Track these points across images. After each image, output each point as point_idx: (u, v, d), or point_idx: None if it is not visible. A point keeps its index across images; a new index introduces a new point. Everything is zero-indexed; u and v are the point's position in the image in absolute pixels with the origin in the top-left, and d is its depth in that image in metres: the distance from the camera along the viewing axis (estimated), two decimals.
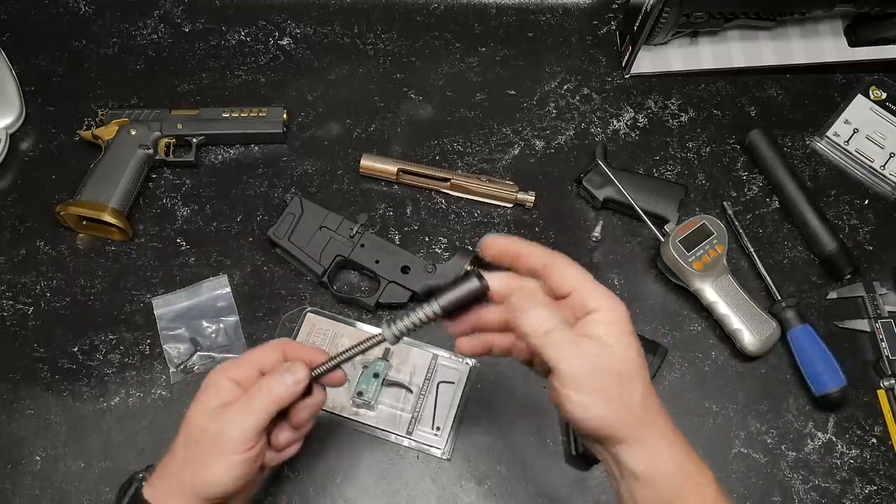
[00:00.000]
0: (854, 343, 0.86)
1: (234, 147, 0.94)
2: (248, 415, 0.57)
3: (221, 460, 0.57)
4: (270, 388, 0.58)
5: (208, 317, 0.83)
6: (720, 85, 1.00)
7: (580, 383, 0.52)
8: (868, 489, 0.79)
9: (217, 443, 0.57)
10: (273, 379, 0.59)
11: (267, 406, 0.58)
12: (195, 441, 0.58)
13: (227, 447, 0.57)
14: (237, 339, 0.83)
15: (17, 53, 0.97)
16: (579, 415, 0.53)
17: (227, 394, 0.58)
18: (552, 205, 0.92)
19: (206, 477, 0.57)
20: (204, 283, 0.85)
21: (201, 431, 0.58)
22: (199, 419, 0.58)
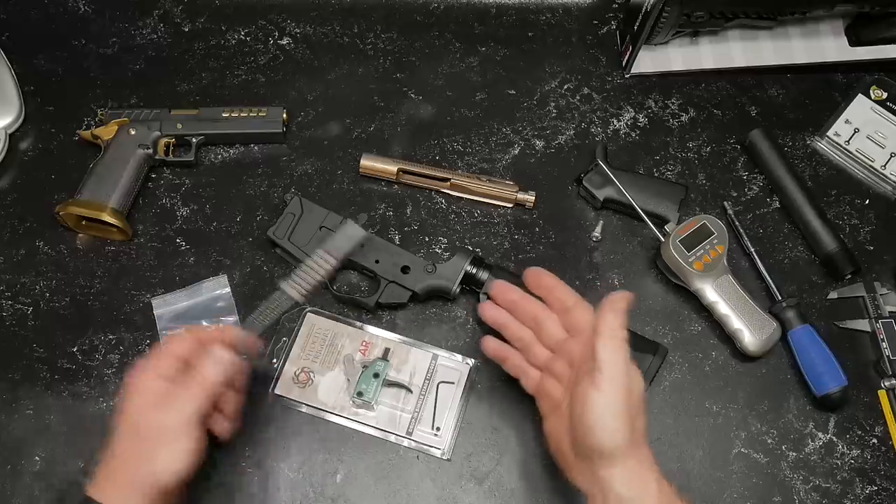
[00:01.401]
0: (854, 343, 0.86)
1: (233, 147, 0.94)
2: (188, 403, 0.63)
3: (170, 448, 0.62)
4: (204, 375, 0.64)
5: (208, 317, 0.83)
6: (720, 85, 1.00)
7: (612, 395, 0.60)
8: (869, 489, 0.79)
9: (163, 433, 0.62)
10: (203, 366, 0.65)
11: (203, 392, 0.64)
12: (141, 437, 0.62)
13: (171, 436, 0.62)
14: None
15: (17, 53, 0.97)
16: (601, 423, 0.60)
17: (159, 388, 0.63)
18: (552, 205, 0.92)
19: (159, 466, 0.61)
20: (204, 284, 0.84)
21: (145, 427, 0.62)
22: (141, 416, 0.63)
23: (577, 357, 0.67)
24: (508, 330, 0.73)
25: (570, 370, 0.68)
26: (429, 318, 0.85)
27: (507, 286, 0.74)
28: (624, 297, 0.64)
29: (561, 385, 0.69)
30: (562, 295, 0.71)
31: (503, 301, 0.74)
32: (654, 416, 0.82)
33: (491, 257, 0.88)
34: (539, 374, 0.72)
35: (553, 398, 0.69)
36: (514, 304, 0.73)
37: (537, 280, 0.72)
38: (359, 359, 0.82)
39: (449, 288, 0.83)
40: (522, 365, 0.73)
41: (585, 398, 0.62)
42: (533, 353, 0.72)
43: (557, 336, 0.70)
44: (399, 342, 0.83)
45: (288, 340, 0.83)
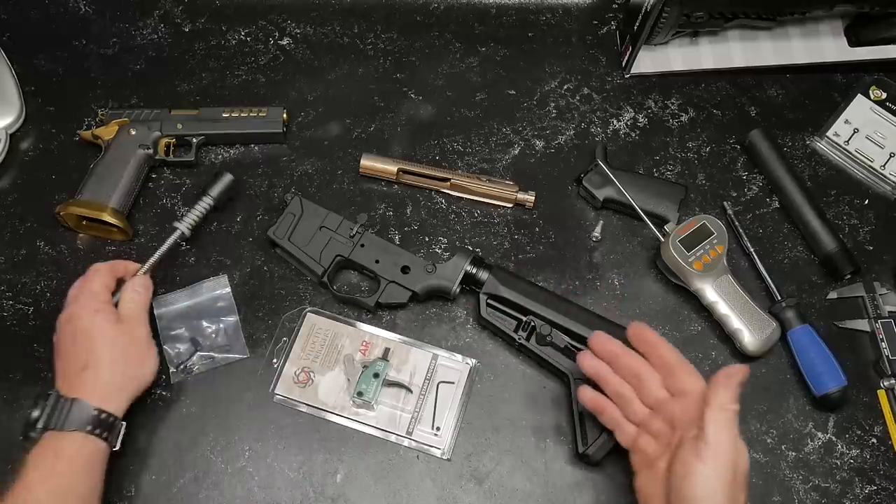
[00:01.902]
0: (854, 343, 0.86)
1: (234, 147, 0.94)
2: (140, 315, 0.77)
3: (153, 354, 0.76)
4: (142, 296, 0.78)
5: (208, 317, 0.83)
6: (720, 85, 1.00)
7: (716, 471, 0.61)
8: (868, 489, 0.79)
9: (139, 340, 0.75)
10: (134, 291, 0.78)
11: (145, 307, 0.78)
12: (125, 347, 0.73)
13: (145, 343, 0.75)
14: (237, 338, 0.83)
15: (17, 53, 0.97)
16: (701, 497, 0.61)
17: (111, 309, 0.75)
18: (552, 205, 0.92)
19: (148, 370, 0.75)
20: (204, 283, 0.85)
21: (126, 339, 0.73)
22: (117, 331, 0.73)
23: (680, 419, 0.67)
24: (609, 384, 0.72)
25: (670, 430, 0.68)
26: (429, 318, 0.85)
27: (608, 338, 0.73)
28: (740, 370, 0.64)
29: (657, 443, 0.69)
30: (665, 353, 0.70)
31: (603, 352, 0.73)
32: None
33: (491, 257, 0.88)
34: (635, 429, 0.71)
35: (648, 455, 0.69)
36: (615, 358, 0.72)
37: (640, 336, 0.72)
38: (359, 359, 0.82)
39: (449, 288, 0.83)
40: (619, 418, 0.72)
41: (688, 468, 0.62)
42: (632, 408, 0.71)
43: (658, 395, 0.69)
44: (399, 342, 0.83)
45: (288, 340, 0.83)
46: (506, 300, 0.82)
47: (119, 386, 0.72)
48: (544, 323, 0.80)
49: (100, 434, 0.68)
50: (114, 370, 0.71)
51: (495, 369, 0.83)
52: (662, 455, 0.67)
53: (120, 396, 0.71)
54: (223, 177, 0.86)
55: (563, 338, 0.80)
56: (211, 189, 0.85)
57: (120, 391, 0.72)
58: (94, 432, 0.68)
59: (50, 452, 0.67)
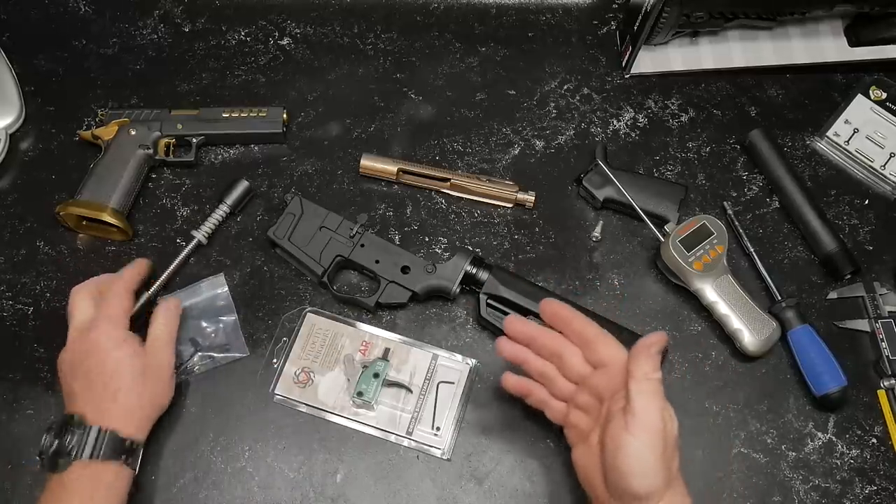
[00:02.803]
0: (854, 343, 0.86)
1: (234, 147, 0.94)
2: (169, 344, 0.76)
3: (171, 381, 0.75)
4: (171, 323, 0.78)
5: (207, 316, 0.83)
6: (720, 85, 1.00)
7: (647, 441, 0.61)
8: (868, 489, 0.79)
9: (164, 368, 0.75)
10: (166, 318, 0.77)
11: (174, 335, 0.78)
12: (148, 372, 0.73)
13: (169, 372, 0.75)
14: (236, 337, 0.82)
15: (17, 53, 0.97)
16: (636, 470, 0.61)
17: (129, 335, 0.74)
18: (552, 205, 0.92)
19: (167, 397, 0.75)
20: (202, 283, 0.84)
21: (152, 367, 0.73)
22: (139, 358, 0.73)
23: (605, 391, 0.67)
24: (529, 365, 0.72)
25: (598, 403, 0.68)
26: (429, 318, 0.85)
27: (521, 320, 0.73)
28: (659, 339, 0.63)
29: (588, 417, 0.69)
30: (580, 327, 0.69)
31: (519, 336, 0.72)
32: None
33: (491, 257, 0.88)
34: (564, 406, 0.71)
35: (581, 429, 0.69)
36: (532, 339, 0.72)
37: (554, 312, 0.71)
38: (359, 359, 0.82)
39: (449, 288, 0.83)
40: (546, 398, 0.72)
41: (619, 442, 0.61)
42: (557, 386, 0.71)
43: (581, 370, 0.69)
44: (399, 342, 0.83)
45: (288, 340, 0.83)
46: (506, 300, 0.82)
47: (145, 414, 0.73)
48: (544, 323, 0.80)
49: (130, 462, 0.70)
50: (142, 399, 0.72)
51: (495, 369, 0.83)
52: (594, 428, 0.67)
53: (145, 424, 0.73)
54: (239, 184, 0.87)
55: None
56: (227, 197, 0.87)
57: (146, 419, 0.73)
58: (127, 461, 0.69)
59: (87, 481, 0.67)
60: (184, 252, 0.85)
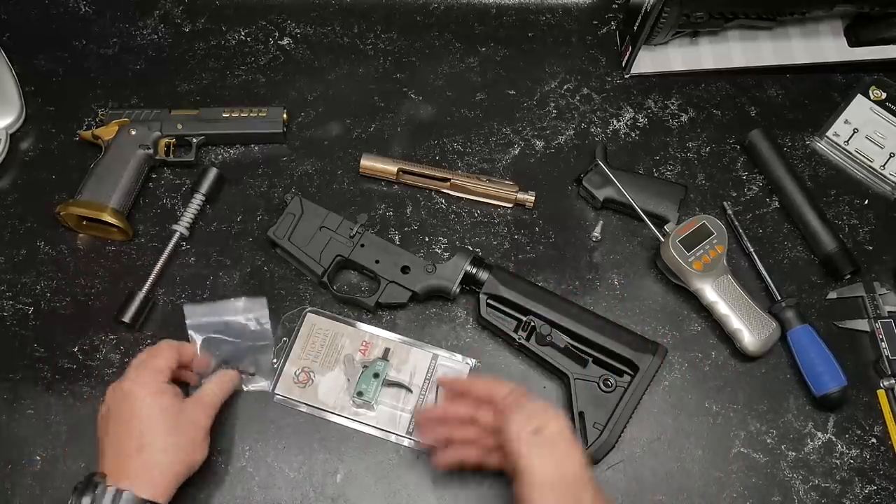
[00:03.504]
0: (854, 343, 0.86)
1: (234, 147, 0.94)
2: (212, 407, 0.73)
3: (204, 442, 0.71)
4: (224, 390, 0.75)
5: (243, 337, 0.81)
6: (720, 85, 1.00)
7: (545, 486, 0.63)
8: (868, 489, 0.79)
9: (199, 428, 0.71)
10: (220, 383, 0.75)
11: (220, 397, 0.75)
12: (179, 432, 0.69)
13: (204, 432, 0.71)
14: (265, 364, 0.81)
15: (17, 53, 0.97)
16: None
17: (172, 391, 0.71)
18: (552, 205, 0.92)
19: (196, 458, 0.70)
20: (241, 303, 0.81)
21: (181, 424, 0.69)
22: (171, 414, 0.69)
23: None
24: (454, 438, 0.74)
25: None
26: (429, 318, 0.85)
27: (430, 412, 0.78)
28: (509, 389, 0.69)
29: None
30: (477, 389, 0.73)
31: (434, 420, 0.76)
32: (653, 415, 0.82)
33: (491, 257, 0.88)
34: (497, 455, 0.73)
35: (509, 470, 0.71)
36: (445, 419, 0.75)
37: (450, 386, 0.77)
38: (359, 359, 0.82)
39: (449, 288, 0.83)
40: (479, 453, 0.73)
41: (521, 498, 0.64)
42: (484, 443, 0.73)
43: (495, 421, 0.71)
44: (399, 342, 0.83)
45: (288, 340, 0.83)
46: (506, 300, 0.82)
47: (172, 471, 0.68)
48: (544, 323, 0.80)
49: None
50: (168, 455, 0.68)
51: (495, 369, 0.83)
52: None
53: (170, 483, 0.67)
54: (209, 172, 0.88)
55: (563, 338, 0.80)
56: (200, 186, 0.87)
57: (172, 477, 0.68)
58: None
59: None
60: (169, 246, 0.85)
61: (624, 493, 0.78)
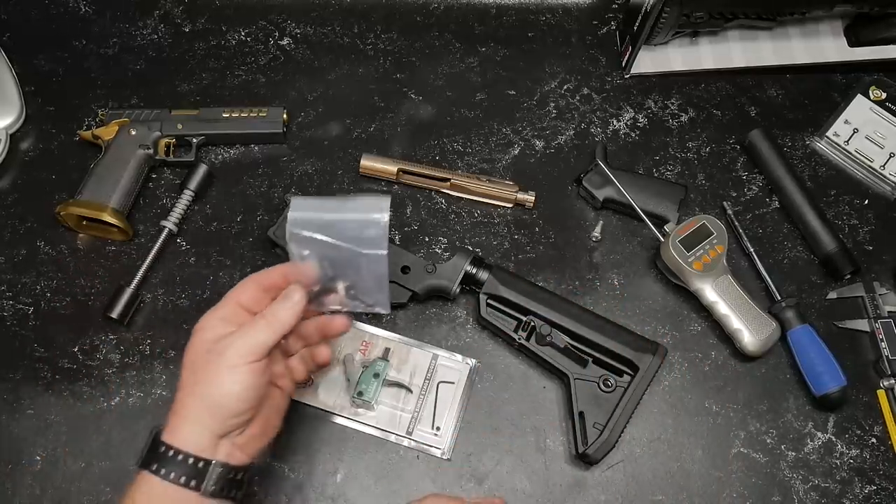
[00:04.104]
0: (854, 343, 0.86)
1: (234, 147, 0.94)
2: (255, 332, 0.60)
3: (230, 371, 0.59)
4: (274, 312, 0.61)
5: (354, 242, 0.62)
6: (720, 85, 1.00)
7: None
8: (868, 489, 0.79)
9: (224, 357, 0.59)
10: (276, 303, 0.62)
11: (272, 327, 0.61)
12: (202, 366, 0.60)
13: (233, 360, 0.59)
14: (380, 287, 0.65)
15: (17, 53, 0.97)
16: None
17: (221, 327, 0.61)
18: (552, 205, 0.92)
19: (216, 389, 0.59)
20: (360, 199, 0.63)
21: (207, 353, 0.60)
22: (203, 345, 0.61)
23: None
24: None
25: None
26: (429, 318, 0.85)
27: None
28: None
29: None
30: None
31: None
32: (653, 415, 0.82)
33: (491, 257, 0.88)
34: None
35: None
36: None
37: None
38: (359, 359, 0.82)
39: (449, 288, 0.83)
40: None
41: None
42: None
43: None
44: (399, 342, 0.83)
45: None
46: (506, 300, 0.82)
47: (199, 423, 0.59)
48: (544, 323, 0.80)
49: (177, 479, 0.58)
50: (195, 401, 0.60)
51: (495, 369, 0.83)
52: None
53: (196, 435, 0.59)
54: (199, 168, 0.88)
55: (563, 338, 0.80)
56: (189, 182, 0.88)
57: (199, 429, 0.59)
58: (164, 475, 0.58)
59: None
60: (158, 243, 0.85)
61: (624, 493, 0.78)
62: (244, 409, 0.60)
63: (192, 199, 0.88)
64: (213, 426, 0.59)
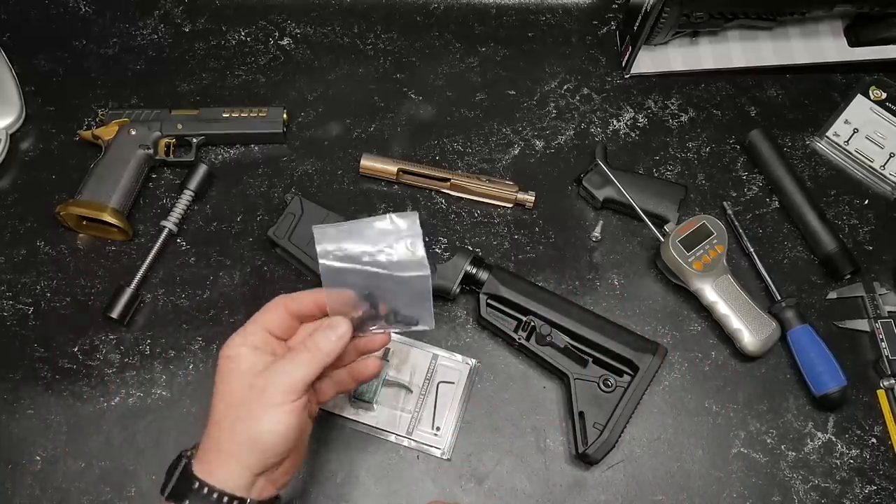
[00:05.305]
0: (854, 343, 0.86)
1: (234, 147, 0.94)
2: (298, 367, 0.58)
3: (272, 411, 0.57)
4: (318, 344, 0.59)
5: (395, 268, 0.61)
6: (720, 85, 1.00)
7: None
8: (868, 489, 0.79)
9: (265, 395, 0.57)
10: (320, 335, 0.60)
11: (315, 361, 0.58)
12: (241, 402, 0.57)
13: (276, 398, 0.57)
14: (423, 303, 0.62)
15: (17, 53, 0.97)
16: None
17: (255, 357, 0.59)
18: (552, 205, 0.92)
19: (258, 428, 0.56)
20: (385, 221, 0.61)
21: (248, 389, 0.57)
22: (241, 378, 0.58)
23: None
24: None
25: None
26: None
27: None
28: None
29: None
30: None
31: None
32: (654, 415, 0.82)
33: (491, 257, 0.88)
34: None
35: None
36: None
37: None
38: None
39: (449, 288, 0.83)
40: None
41: None
42: None
43: None
44: (399, 342, 0.83)
45: None
46: (506, 300, 0.82)
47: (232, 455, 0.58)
48: (544, 323, 0.80)
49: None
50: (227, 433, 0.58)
51: (495, 369, 0.83)
52: None
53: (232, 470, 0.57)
54: (199, 168, 0.88)
55: (563, 338, 0.80)
56: (189, 182, 0.88)
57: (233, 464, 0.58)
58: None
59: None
60: (157, 243, 0.85)
61: (624, 493, 0.78)
62: (287, 448, 0.58)
63: (192, 199, 0.88)
64: (252, 465, 0.57)
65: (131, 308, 0.82)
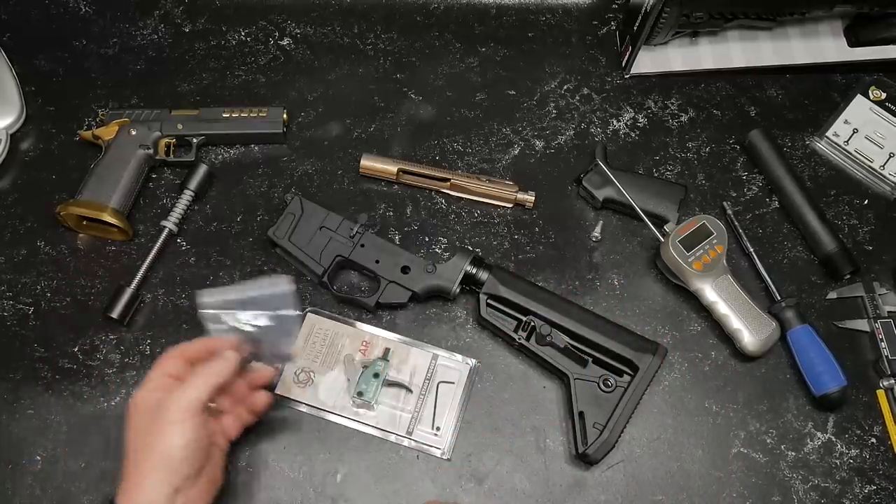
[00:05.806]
0: (854, 343, 0.86)
1: (234, 147, 0.94)
2: (192, 389, 0.66)
3: (176, 427, 0.65)
4: (209, 369, 0.68)
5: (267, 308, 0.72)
6: (720, 85, 1.00)
7: None
8: (867, 489, 0.79)
9: (168, 413, 0.65)
10: (211, 362, 0.69)
11: (207, 383, 0.67)
12: (150, 425, 0.65)
13: (176, 416, 0.65)
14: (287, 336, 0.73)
15: (17, 53, 0.97)
16: None
17: (162, 388, 0.67)
18: (552, 205, 0.92)
19: (168, 443, 0.64)
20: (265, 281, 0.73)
21: (155, 412, 0.66)
22: (150, 411, 0.66)
23: None
24: None
25: None
26: (429, 318, 0.85)
27: None
28: None
29: None
30: None
31: None
32: (653, 415, 0.82)
33: (491, 257, 0.88)
34: None
35: None
36: None
37: None
38: (359, 359, 0.82)
39: (449, 288, 0.83)
40: None
41: None
42: None
43: None
44: (399, 342, 0.83)
45: None
46: (506, 300, 0.82)
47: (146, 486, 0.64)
48: (544, 323, 0.80)
49: None
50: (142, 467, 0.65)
51: (495, 369, 0.83)
52: None
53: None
54: (199, 168, 0.89)
55: (563, 338, 0.80)
56: (189, 182, 0.88)
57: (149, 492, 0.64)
58: None
59: None
60: (158, 243, 0.86)
61: (624, 493, 0.78)
62: (198, 461, 0.66)
63: (192, 199, 0.88)
64: (168, 478, 0.64)
65: (131, 308, 0.82)
